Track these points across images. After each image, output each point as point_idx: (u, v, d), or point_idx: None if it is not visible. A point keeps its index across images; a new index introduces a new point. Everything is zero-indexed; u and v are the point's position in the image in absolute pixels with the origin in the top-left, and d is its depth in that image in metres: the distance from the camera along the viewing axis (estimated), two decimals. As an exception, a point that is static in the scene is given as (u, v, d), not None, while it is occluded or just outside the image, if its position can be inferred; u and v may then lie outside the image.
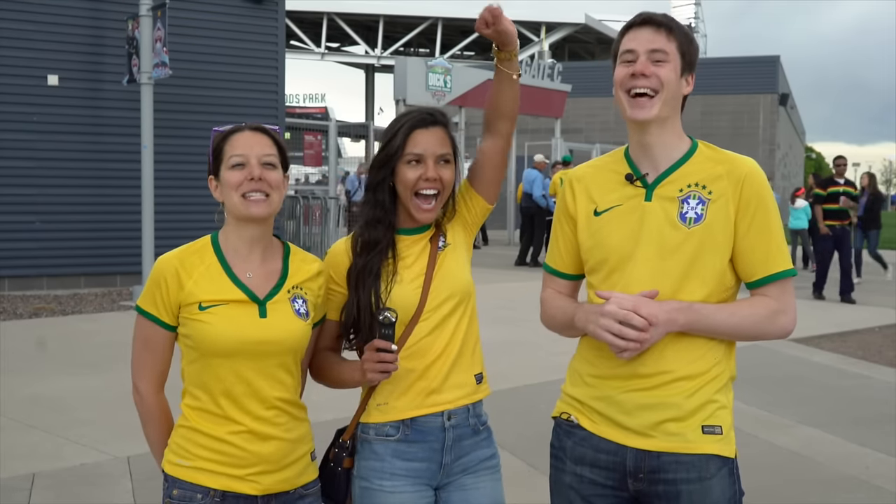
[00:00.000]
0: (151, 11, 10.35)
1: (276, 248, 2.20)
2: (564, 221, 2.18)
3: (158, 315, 2.09)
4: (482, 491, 2.25)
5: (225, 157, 2.11)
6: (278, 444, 2.10)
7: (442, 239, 2.30)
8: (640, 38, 2.02)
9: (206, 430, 2.07)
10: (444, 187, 2.24)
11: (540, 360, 6.66)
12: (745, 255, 2.00)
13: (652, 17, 2.04)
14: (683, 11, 57.19)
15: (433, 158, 2.21)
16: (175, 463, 2.09)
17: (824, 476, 4.95)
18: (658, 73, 1.99)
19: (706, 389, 2.00)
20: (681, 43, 2.02)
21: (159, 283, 2.09)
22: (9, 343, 8.00)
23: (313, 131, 16.70)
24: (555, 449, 2.17)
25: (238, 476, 2.06)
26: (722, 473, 2.00)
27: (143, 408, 2.16)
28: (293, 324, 2.11)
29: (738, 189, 1.99)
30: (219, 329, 2.04)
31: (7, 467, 4.70)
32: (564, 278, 2.22)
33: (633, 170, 2.07)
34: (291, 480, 2.13)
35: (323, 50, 46.77)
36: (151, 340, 2.11)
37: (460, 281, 2.25)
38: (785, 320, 2.03)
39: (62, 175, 11.47)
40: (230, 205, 2.11)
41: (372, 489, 2.20)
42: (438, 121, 2.26)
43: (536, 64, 20.82)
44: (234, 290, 2.08)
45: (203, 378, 2.08)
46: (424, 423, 2.20)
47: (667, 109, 2.02)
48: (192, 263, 2.10)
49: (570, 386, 2.17)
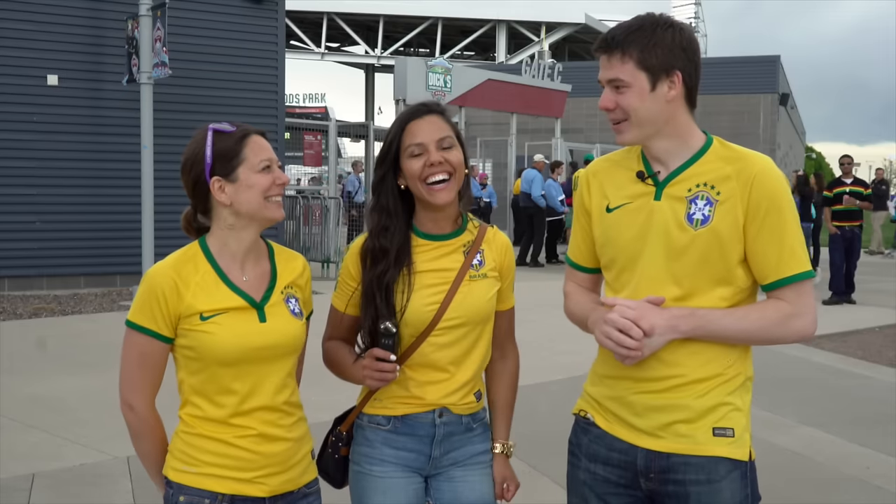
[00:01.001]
0: (151, 11, 10.34)
1: (262, 248, 2.18)
2: (581, 216, 2.17)
3: (158, 329, 2.04)
4: (470, 484, 2.25)
5: (249, 160, 2.05)
6: (285, 445, 2.10)
7: (479, 256, 2.25)
8: (602, 67, 1.99)
9: (213, 435, 2.05)
10: (453, 169, 2.17)
11: (540, 361, 6.63)
12: (757, 258, 1.95)
13: (605, 42, 1.97)
14: (683, 11, 57.15)
15: (434, 144, 2.17)
16: (180, 469, 2.07)
17: (824, 476, 4.95)
18: (619, 103, 1.96)
19: (718, 391, 1.98)
20: (639, 59, 1.93)
21: (157, 296, 2.03)
22: (9, 343, 8.00)
23: (313, 131, 16.68)
24: (572, 445, 2.17)
25: (246, 479, 2.05)
26: (733, 476, 1.97)
27: (139, 424, 2.10)
28: (291, 325, 2.11)
29: (747, 190, 1.93)
30: (222, 338, 2.01)
31: (7, 467, 4.70)
32: (585, 272, 2.21)
33: (645, 167, 2.04)
34: (295, 480, 2.13)
35: (323, 50, 46.79)
36: (148, 356, 2.06)
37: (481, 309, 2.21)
38: (801, 324, 1.97)
39: (62, 175, 11.46)
40: (251, 207, 2.06)
41: (363, 473, 2.23)
42: (432, 110, 2.22)
43: (536, 64, 20.81)
44: (233, 296, 2.06)
45: (207, 388, 2.06)
46: (415, 418, 2.21)
47: (648, 127, 1.98)
48: (187, 273, 2.06)
49: (589, 385, 2.17)
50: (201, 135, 2.08)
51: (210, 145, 2.06)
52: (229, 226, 2.09)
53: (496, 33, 44.85)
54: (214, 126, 2.09)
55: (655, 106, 1.96)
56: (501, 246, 2.30)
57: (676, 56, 1.95)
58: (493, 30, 44.94)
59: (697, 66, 1.99)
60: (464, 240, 2.25)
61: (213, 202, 2.08)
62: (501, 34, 44.63)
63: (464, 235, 2.26)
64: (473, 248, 2.24)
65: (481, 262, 2.24)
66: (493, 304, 2.25)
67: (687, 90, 1.98)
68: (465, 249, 2.24)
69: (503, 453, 2.34)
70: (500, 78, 19.48)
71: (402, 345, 2.16)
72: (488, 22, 44.61)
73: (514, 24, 44.49)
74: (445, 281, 2.19)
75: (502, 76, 19.83)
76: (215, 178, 2.05)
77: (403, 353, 2.17)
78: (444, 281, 2.19)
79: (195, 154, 2.07)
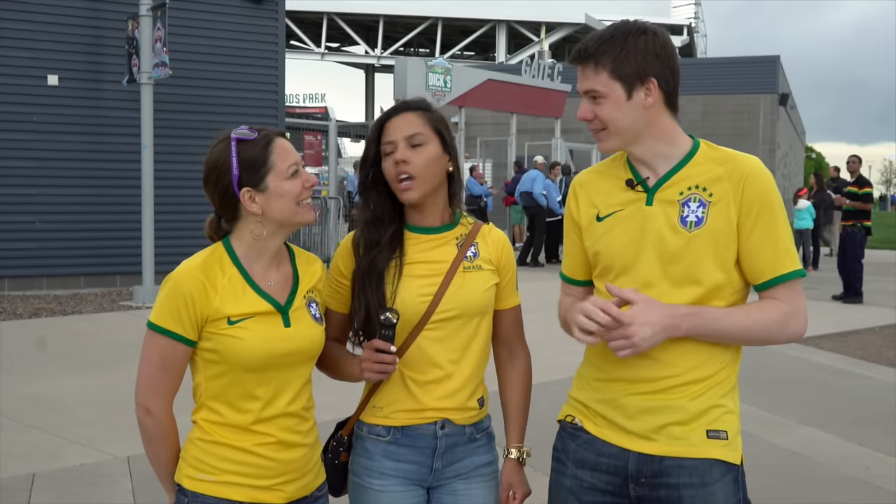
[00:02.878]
0: (151, 11, 10.35)
1: (284, 251, 2.16)
2: (571, 229, 2.16)
3: (184, 333, 1.98)
4: (473, 498, 2.21)
5: (277, 167, 2.00)
6: (302, 451, 2.09)
7: (473, 249, 2.22)
8: (579, 79, 1.99)
9: (232, 443, 2.02)
10: (411, 173, 2.12)
11: (542, 361, 6.55)
12: (751, 257, 1.95)
13: (578, 53, 1.97)
14: (683, 11, 57.12)
15: (403, 141, 2.15)
16: (196, 478, 2.03)
17: (824, 476, 4.95)
18: (597, 114, 1.97)
19: (712, 393, 1.97)
20: (612, 69, 1.93)
21: (185, 298, 1.97)
22: (9, 343, 8.00)
23: (313, 131, 16.71)
24: (557, 451, 2.14)
25: (265, 486, 2.03)
26: (726, 480, 1.96)
27: (156, 428, 2.04)
28: (313, 330, 2.08)
29: (739, 190, 1.94)
30: (250, 344, 1.98)
31: (7, 467, 4.70)
32: (577, 285, 2.20)
33: (633, 174, 2.04)
34: (309, 485, 2.12)
35: (323, 50, 46.81)
36: (171, 359, 2.00)
37: (477, 301, 2.18)
38: (796, 323, 1.98)
39: (62, 175, 11.46)
40: (284, 215, 2.02)
41: (363, 486, 2.19)
42: (410, 107, 2.20)
43: (536, 64, 20.81)
44: (260, 301, 2.02)
45: (229, 392, 2.02)
46: (416, 429, 2.17)
47: (628, 135, 1.98)
48: (214, 276, 2.01)
49: (575, 390, 2.15)
50: (223, 144, 2.02)
51: (235, 155, 2.00)
52: (258, 234, 2.04)
53: (496, 33, 44.88)
54: (236, 134, 2.02)
55: (633, 113, 1.95)
56: (497, 241, 2.27)
57: (650, 63, 1.94)
58: (492, 30, 44.96)
59: (674, 71, 1.98)
60: (457, 233, 2.23)
61: (243, 211, 2.03)
62: (501, 34, 44.65)
63: (457, 229, 2.24)
64: (467, 240, 2.21)
65: (476, 255, 2.21)
66: (489, 297, 2.21)
67: (665, 95, 1.98)
68: (459, 242, 2.21)
69: (518, 459, 2.28)
70: (500, 78, 19.48)
71: (397, 340, 2.12)
72: (488, 22, 44.64)
73: (514, 24, 44.51)
74: (438, 273, 2.16)
75: (502, 76, 19.83)
76: (245, 189, 2.00)
77: (399, 348, 2.12)
78: (437, 273, 2.16)
79: (219, 165, 2.01)
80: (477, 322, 2.20)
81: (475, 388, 2.22)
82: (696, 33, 55.41)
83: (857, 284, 12.21)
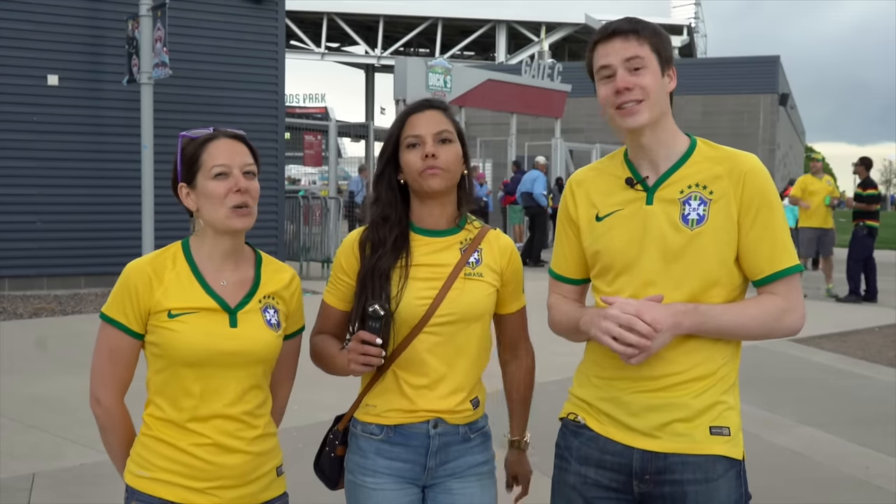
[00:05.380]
0: (151, 11, 10.36)
1: (248, 256, 2.14)
2: (567, 227, 2.16)
3: (128, 324, 2.02)
4: (468, 497, 2.20)
5: (204, 166, 2.02)
6: (243, 458, 2.04)
7: (476, 255, 2.22)
8: (612, 50, 1.98)
9: (169, 440, 2.02)
10: (443, 168, 2.15)
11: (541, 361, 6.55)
12: (750, 254, 1.97)
13: (618, 28, 2.00)
14: (683, 11, 57.12)
15: (431, 137, 2.16)
16: (136, 474, 2.05)
17: (824, 476, 4.95)
18: (639, 83, 1.97)
19: (714, 390, 1.98)
20: (653, 43, 1.98)
21: (129, 290, 2.01)
22: (9, 343, 8.00)
23: (313, 131, 16.72)
24: (560, 449, 2.15)
25: (198, 489, 2.01)
26: (729, 475, 1.98)
27: (105, 418, 2.07)
28: (264, 334, 2.06)
29: (739, 187, 1.96)
30: (188, 338, 1.98)
31: (7, 467, 4.70)
32: (570, 283, 2.20)
33: (633, 173, 2.05)
34: (255, 496, 2.08)
35: (323, 50, 46.83)
36: (118, 350, 2.04)
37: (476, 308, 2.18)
38: (793, 318, 2.00)
39: (62, 175, 11.46)
40: (212, 217, 2.03)
41: (357, 484, 2.20)
42: (434, 105, 2.24)
43: (536, 64, 20.82)
44: (205, 297, 2.03)
45: (169, 388, 2.02)
46: (408, 428, 2.17)
47: (657, 111, 1.99)
48: (163, 269, 2.04)
49: (577, 388, 2.15)
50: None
51: (179, 151, 2.06)
52: (202, 232, 2.08)
53: (496, 33, 44.89)
54: (186, 132, 2.08)
55: (662, 93, 2.01)
56: (504, 249, 2.27)
57: (671, 56, 2.03)
58: (492, 30, 44.98)
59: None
60: (461, 237, 2.23)
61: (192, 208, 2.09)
62: (501, 34, 44.67)
63: (462, 233, 2.24)
64: (471, 245, 2.22)
65: (478, 261, 2.21)
66: (488, 304, 2.21)
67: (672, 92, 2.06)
68: (463, 246, 2.22)
69: (517, 445, 2.35)
70: (500, 78, 19.49)
71: (395, 341, 2.12)
72: (488, 22, 44.65)
73: (514, 24, 44.53)
74: (439, 276, 2.16)
75: (502, 76, 19.84)
76: (181, 184, 2.07)
77: (395, 350, 2.13)
78: (438, 276, 2.16)
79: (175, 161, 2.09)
80: (474, 326, 2.20)
81: (470, 390, 2.22)
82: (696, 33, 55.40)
83: (853, 284, 12.20)
